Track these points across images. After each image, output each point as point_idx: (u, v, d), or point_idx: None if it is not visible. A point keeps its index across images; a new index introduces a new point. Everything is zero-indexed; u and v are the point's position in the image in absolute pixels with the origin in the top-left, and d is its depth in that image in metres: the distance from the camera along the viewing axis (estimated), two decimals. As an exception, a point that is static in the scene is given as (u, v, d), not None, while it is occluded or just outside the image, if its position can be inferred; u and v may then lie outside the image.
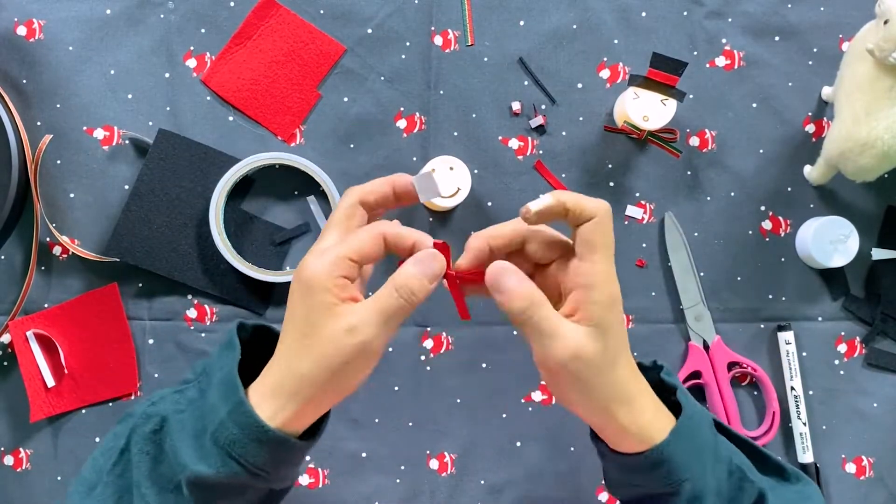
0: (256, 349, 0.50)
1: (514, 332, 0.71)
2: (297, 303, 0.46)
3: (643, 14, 0.72)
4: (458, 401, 0.71)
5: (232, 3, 0.72)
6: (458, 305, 0.49)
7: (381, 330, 0.45)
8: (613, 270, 0.47)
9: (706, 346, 0.71)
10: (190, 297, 0.71)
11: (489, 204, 0.72)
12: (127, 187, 0.71)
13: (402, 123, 0.72)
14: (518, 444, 0.71)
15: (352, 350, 0.44)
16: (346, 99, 0.72)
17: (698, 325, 0.71)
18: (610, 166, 0.72)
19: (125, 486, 0.49)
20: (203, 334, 0.71)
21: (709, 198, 0.72)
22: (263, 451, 0.46)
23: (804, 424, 0.70)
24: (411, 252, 0.47)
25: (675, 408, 0.50)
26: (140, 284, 0.71)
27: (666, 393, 0.51)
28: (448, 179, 0.66)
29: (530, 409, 0.71)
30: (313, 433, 0.49)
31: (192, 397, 0.49)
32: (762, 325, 0.72)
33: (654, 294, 0.72)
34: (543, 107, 0.72)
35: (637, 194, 0.72)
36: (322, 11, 0.72)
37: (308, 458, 0.69)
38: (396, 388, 0.71)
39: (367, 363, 0.46)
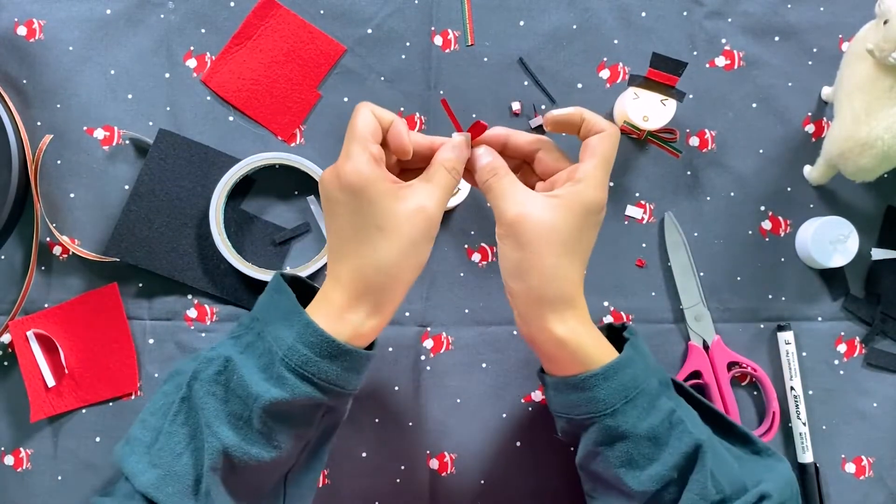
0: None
1: (514, 332, 0.71)
2: (344, 209, 0.50)
3: (643, 14, 0.72)
4: (458, 401, 0.71)
5: (232, 3, 0.72)
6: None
7: (442, 204, 0.51)
8: (605, 181, 0.52)
9: (706, 346, 0.71)
10: (190, 297, 0.71)
11: (489, 204, 0.71)
12: (127, 187, 0.71)
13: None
14: (518, 444, 0.71)
15: (426, 225, 0.50)
16: (346, 99, 0.72)
17: (698, 326, 0.71)
18: (610, 166, 0.72)
19: (191, 431, 0.51)
20: (203, 334, 0.71)
21: (709, 198, 0.72)
22: (336, 364, 0.50)
23: (804, 424, 0.70)
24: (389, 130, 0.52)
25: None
26: (140, 284, 0.71)
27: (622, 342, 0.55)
28: None
29: (530, 409, 0.71)
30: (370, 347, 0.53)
31: (249, 341, 0.52)
32: (762, 325, 0.72)
33: (654, 294, 0.72)
34: (543, 107, 0.72)
35: (637, 194, 0.72)
36: (322, 11, 0.72)
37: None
38: (396, 388, 0.71)
39: (432, 238, 0.51)
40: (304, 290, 0.56)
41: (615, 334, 0.58)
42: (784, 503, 0.51)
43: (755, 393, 0.72)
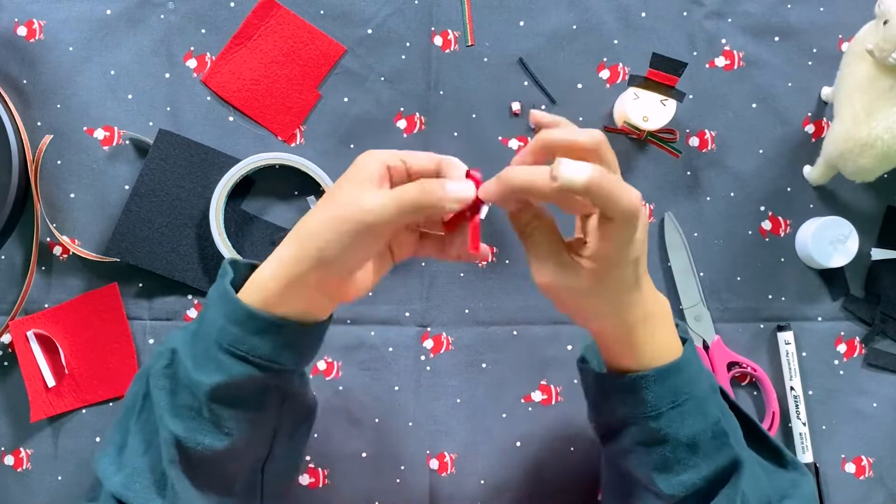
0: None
1: (514, 332, 0.71)
2: (340, 179, 0.48)
3: (643, 14, 0.72)
4: (458, 401, 0.71)
5: (232, 4, 0.72)
6: (472, 235, 0.49)
7: (387, 211, 0.45)
8: (634, 239, 0.46)
9: (706, 346, 0.71)
10: (190, 297, 0.71)
11: (489, 204, 0.71)
12: (127, 187, 0.71)
13: (402, 123, 0.72)
14: (518, 444, 0.71)
15: (357, 220, 0.45)
16: (346, 99, 0.72)
17: (698, 326, 0.71)
18: (610, 166, 0.72)
19: (153, 428, 0.50)
20: (203, 334, 0.71)
21: (709, 198, 0.72)
22: (266, 340, 0.47)
23: (804, 424, 0.70)
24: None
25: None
26: (140, 284, 0.71)
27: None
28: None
29: (530, 409, 0.71)
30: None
31: (193, 328, 0.51)
32: (762, 325, 0.72)
33: (653, 294, 0.72)
34: (543, 107, 0.72)
35: (637, 194, 0.72)
36: (322, 11, 0.72)
37: (308, 457, 0.70)
38: (396, 388, 0.71)
39: (367, 243, 0.46)
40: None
41: None
42: None
43: (755, 393, 0.72)
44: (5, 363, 0.71)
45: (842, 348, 0.72)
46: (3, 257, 0.71)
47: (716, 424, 0.50)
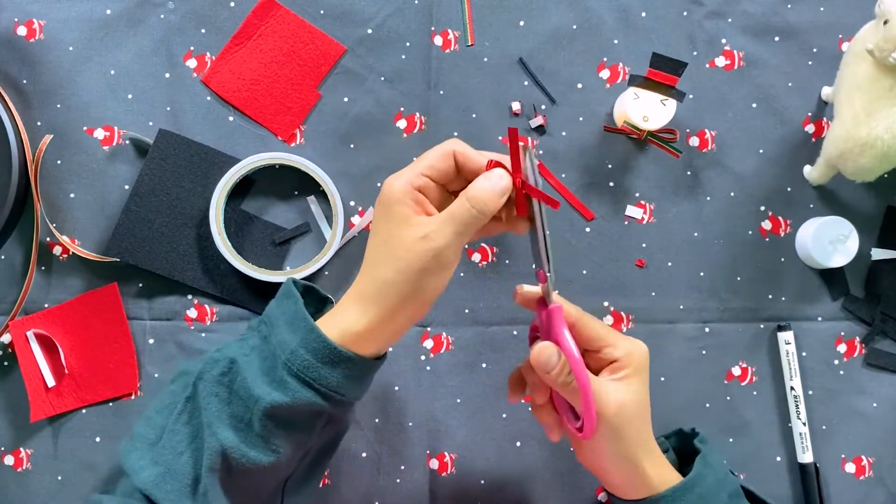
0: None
1: (514, 332, 0.71)
2: (379, 220, 0.51)
3: (643, 14, 0.72)
4: (458, 401, 0.71)
5: (232, 3, 0.72)
6: (518, 201, 0.51)
7: (453, 237, 0.48)
8: (640, 343, 0.55)
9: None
10: (190, 297, 0.71)
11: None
12: (127, 187, 0.71)
13: (402, 123, 0.72)
14: (518, 444, 0.71)
15: (426, 256, 0.48)
16: (346, 99, 0.72)
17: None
18: (610, 166, 0.72)
19: (194, 431, 0.51)
20: (203, 334, 0.71)
21: (709, 198, 0.72)
22: (337, 371, 0.50)
23: (804, 424, 0.70)
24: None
25: None
26: (140, 284, 0.71)
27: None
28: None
29: (530, 409, 0.71)
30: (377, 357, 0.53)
31: (255, 344, 0.52)
32: (762, 325, 0.72)
33: (654, 294, 0.72)
34: (543, 107, 0.72)
35: (637, 194, 0.72)
36: (322, 11, 0.72)
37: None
38: (396, 388, 0.71)
39: (442, 271, 0.49)
40: (319, 298, 0.58)
41: (685, 440, 0.61)
42: None
43: (755, 393, 0.72)
44: (5, 363, 0.71)
45: (842, 348, 0.72)
46: (3, 257, 0.71)
47: None
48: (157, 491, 0.49)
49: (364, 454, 0.70)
